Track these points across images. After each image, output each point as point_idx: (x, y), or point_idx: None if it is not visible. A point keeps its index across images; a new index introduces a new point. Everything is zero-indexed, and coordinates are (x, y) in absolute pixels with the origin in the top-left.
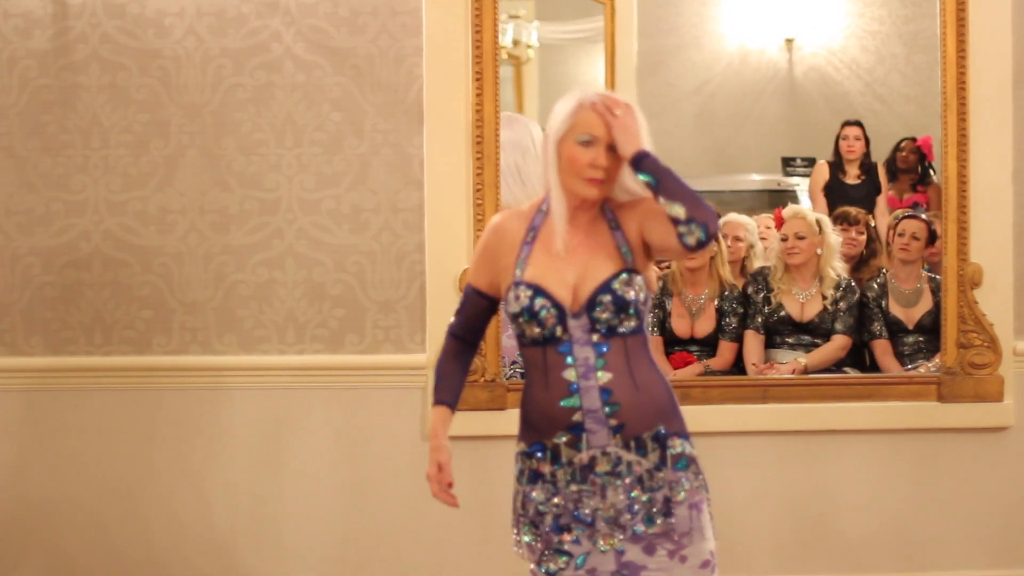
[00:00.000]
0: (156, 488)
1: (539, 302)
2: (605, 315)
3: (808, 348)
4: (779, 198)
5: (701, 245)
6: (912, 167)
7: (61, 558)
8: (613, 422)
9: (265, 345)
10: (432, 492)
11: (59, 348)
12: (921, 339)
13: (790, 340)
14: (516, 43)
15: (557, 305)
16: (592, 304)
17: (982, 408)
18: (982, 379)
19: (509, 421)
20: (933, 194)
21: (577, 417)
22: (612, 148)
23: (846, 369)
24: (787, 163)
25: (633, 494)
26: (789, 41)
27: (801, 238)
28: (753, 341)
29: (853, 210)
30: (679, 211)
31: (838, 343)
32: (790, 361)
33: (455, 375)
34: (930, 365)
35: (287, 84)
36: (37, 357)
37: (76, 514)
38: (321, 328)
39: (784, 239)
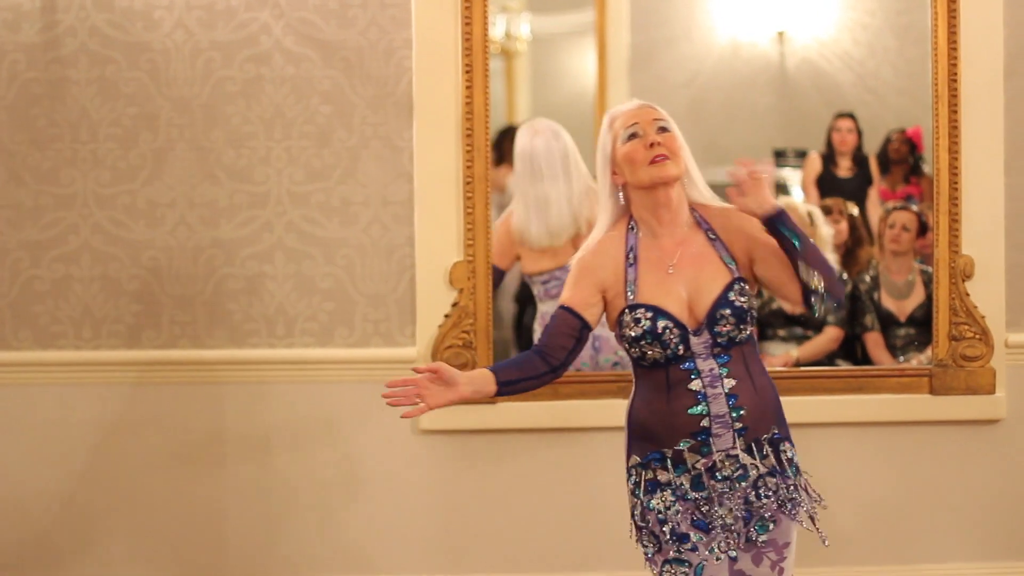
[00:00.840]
0: (147, 482)
1: (661, 323)
2: (727, 328)
3: (800, 340)
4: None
5: (826, 315)
6: (903, 158)
7: (48, 551)
8: (738, 425)
9: (254, 339)
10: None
11: (48, 342)
12: (913, 331)
13: (782, 332)
14: (508, 36)
15: (680, 324)
16: (713, 320)
17: (974, 401)
18: (974, 371)
19: (499, 414)
20: (925, 185)
21: (704, 423)
22: (659, 128)
23: (838, 361)
24: (779, 155)
25: (750, 499)
26: (781, 33)
27: None
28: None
29: (829, 200)
30: (817, 282)
31: (830, 335)
32: (782, 353)
33: (516, 365)
34: (922, 357)
35: (276, 77)
36: (26, 351)
37: (66, 508)
38: (311, 322)
39: None
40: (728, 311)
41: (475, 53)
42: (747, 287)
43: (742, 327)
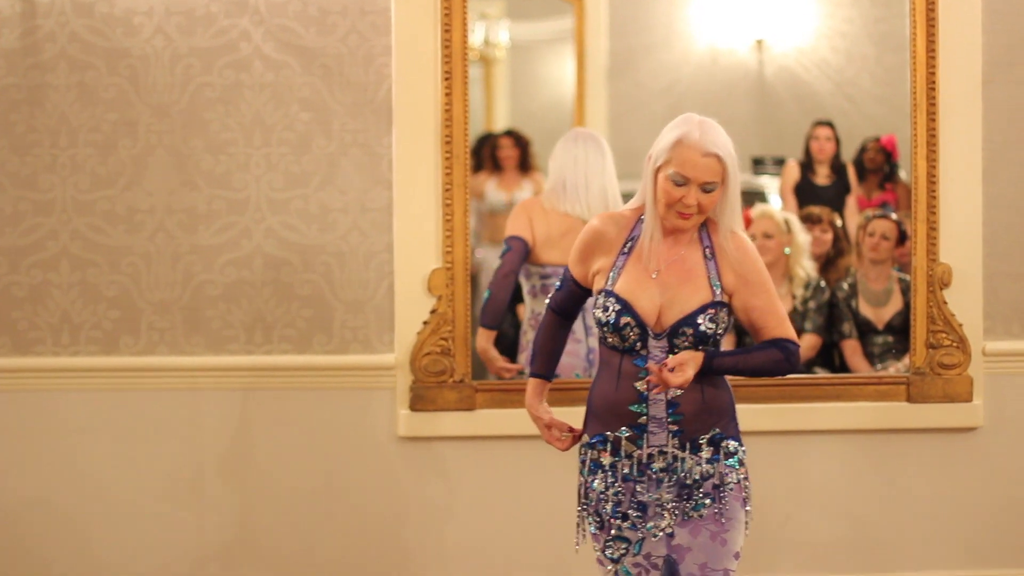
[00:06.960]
0: (125, 488)
1: (624, 319)
2: (685, 344)
3: None
4: (748, 198)
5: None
6: (879, 167)
7: (33, 560)
8: (674, 427)
9: (233, 345)
10: (553, 444)
11: (26, 348)
12: (891, 339)
13: None
14: (487, 43)
15: (641, 324)
16: (674, 332)
17: (951, 408)
18: (951, 379)
19: (478, 422)
20: (901, 192)
21: (642, 420)
22: (705, 189)
23: (815, 369)
24: (757, 163)
25: (687, 483)
26: (759, 42)
27: (769, 237)
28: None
29: (817, 209)
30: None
31: (807, 343)
32: None
33: (549, 347)
34: (899, 365)
35: (256, 83)
36: (4, 358)
37: (44, 515)
38: (289, 328)
39: (752, 238)
40: (691, 331)
41: (455, 60)
42: (722, 313)
43: (701, 348)
